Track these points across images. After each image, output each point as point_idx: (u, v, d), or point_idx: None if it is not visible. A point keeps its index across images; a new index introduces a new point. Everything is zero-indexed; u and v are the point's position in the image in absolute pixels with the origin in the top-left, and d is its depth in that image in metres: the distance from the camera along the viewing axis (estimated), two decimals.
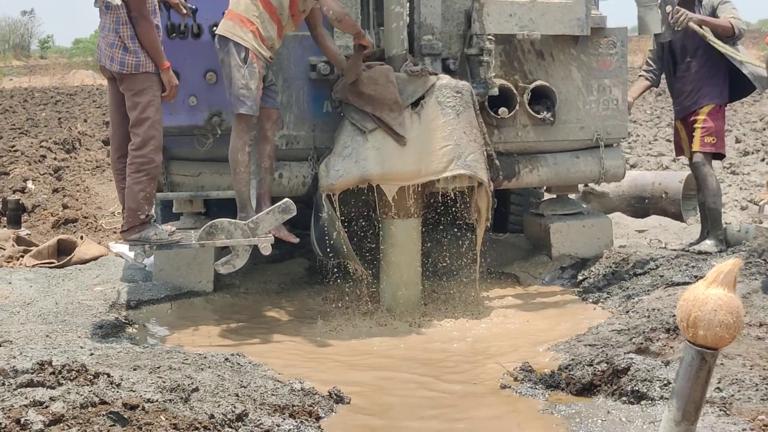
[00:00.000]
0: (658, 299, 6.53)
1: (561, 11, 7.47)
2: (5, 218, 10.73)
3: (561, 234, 8.09)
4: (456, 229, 8.06)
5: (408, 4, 7.01)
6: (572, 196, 8.71)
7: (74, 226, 11.05)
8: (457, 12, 7.59)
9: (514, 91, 7.61)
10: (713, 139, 7.95)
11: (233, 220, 6.48)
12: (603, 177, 8.02)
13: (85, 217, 11.47)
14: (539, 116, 7.73)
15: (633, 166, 14.64)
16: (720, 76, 7.98)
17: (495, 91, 7.36)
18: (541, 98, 7.80)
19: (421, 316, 6.97)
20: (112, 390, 4.47)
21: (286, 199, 6.51)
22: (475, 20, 7.32)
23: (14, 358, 5.55)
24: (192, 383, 4.76)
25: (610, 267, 7.73)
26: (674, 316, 6.13)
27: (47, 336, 6.19)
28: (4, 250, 8.93)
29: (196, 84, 7.04)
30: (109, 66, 6.27)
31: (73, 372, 4.63)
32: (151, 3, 6.25)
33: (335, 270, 7.45)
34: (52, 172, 15.05)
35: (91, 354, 5.59)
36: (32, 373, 4.61)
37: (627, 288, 7.19)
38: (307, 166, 7.38)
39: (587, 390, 5.12)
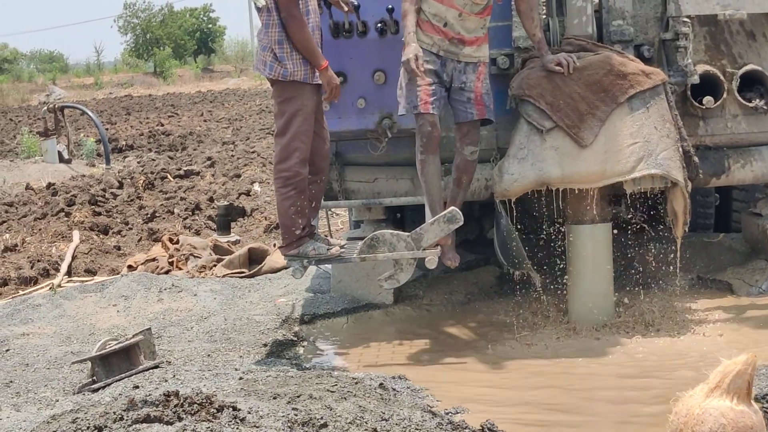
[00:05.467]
0: None
1: None
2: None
3: None
4: (656, 233, 7.27)
5: None
6: None
7: None
8: None
9: (721, 77, 6.77)
10: None
11: (396, 232, 6.04)
12: None
13: None
14: (751, 105, 6.82)
15: None
16: None
17: (695, 79, 6.57)
18: (754, 84, 6.89)
19: (611, 331, 6.29)
20: (231, 427, 4.18)
21: (453, 207, 6.02)
22: (670, 1, 6.55)
23: (165, 381, 5.41)
24: (323, 417, 4.37)
25: None
26: None
27: (208, 356, 6.02)
28: (200, 258, 8.87)
29: (365, 85, 6.63)
30: (262, 71, 5.96)
31: (195, 405, 4.36)
32: (304, 2, 5.87)
33: (522, 280, 6.87)
34: None
35: (240, 378, 5.34)
36: (156, 406, 4.38)
37: None
38: (489, 168, 6.81)
39: None
